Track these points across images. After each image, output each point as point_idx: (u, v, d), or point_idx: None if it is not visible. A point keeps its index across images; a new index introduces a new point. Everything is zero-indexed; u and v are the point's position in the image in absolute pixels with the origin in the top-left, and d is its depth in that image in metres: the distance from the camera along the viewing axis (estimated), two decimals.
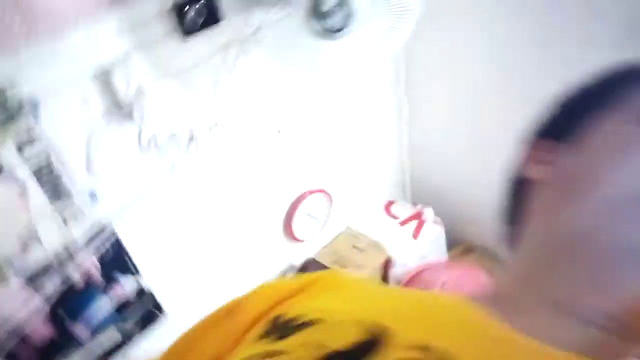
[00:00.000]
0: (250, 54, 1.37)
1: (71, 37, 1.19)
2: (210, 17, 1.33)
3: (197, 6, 1.31)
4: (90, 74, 1.24)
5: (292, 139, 1.85)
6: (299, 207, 2.01)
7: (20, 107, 1.16)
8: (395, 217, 2.38)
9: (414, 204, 2.45)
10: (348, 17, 1.19)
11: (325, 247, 2.26)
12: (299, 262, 2.16)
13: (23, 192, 1.22)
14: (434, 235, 2.31)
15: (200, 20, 1.34)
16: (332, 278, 0.48)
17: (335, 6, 1.20)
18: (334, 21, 1.18)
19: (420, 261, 2.23)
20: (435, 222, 2.34)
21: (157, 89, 1.39)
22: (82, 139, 1.30)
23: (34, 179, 1.23)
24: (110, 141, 1.35)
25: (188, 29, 1.35)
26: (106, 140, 1.34)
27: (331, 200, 2.13)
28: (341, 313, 0.40)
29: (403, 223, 2.34)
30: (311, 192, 2.03)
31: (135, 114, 1.32)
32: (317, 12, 1.20)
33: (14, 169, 1.19)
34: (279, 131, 1.81)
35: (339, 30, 1.19)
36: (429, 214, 2.34)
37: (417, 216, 2.35)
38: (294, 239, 2.06)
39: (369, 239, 2.28)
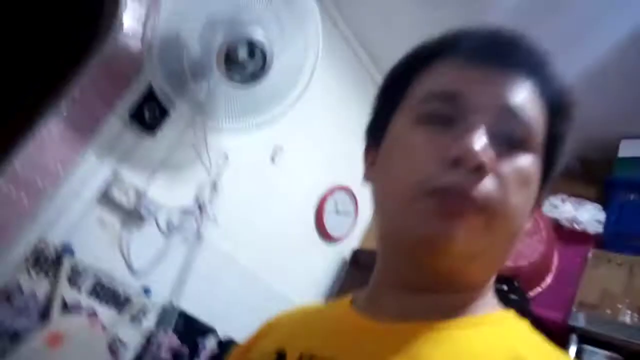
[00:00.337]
0: (208, 120, 1.55)
1: (68, 180, 1.43)
2: (162, 110, 1.53)
3: (148, 106, 1.51)
4: (94, 200, 1.48)
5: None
6: (326, 207, 2.17)
7: (58, 253, 1.41)
8: None
9: None
10: (263, 63, 1.34)
11: (365, 233, 2.41)
12: (347, 255, 2.32)
13: (92, 314, 1.48)
14: None
15: (156, 115, 1.54)
16: (265, 325, 0.65)
17: (247, 56, 1.36)
18: (249, 69, 1.34)
19: None
20: None
21: (153, 183, 1.61)
22: (116, 252, 1.54)
23: (96, 301, 1.48)
24: (138, 242, 1.59)
25: (151, 126, 1.56)
26: (135, 244, 1.58)
27: (353, 194, 2.27)
28: (267, 347, 0.57)
29: None
30: (332, 191, 2.19)
31: (143, 212, 1.54)
32: (233, 65, 1.36)
33: (76, 301, 1.45)
34: (273, 159, 1.98)
35: (256, 75, 1.35)
36: None
37: None
38: (331, 239, 2.23)
39: None
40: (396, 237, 0.50)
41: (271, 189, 2.00)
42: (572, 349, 1.81)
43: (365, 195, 2.27)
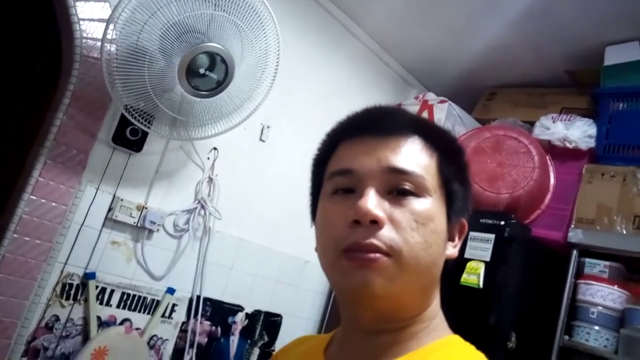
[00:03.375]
0: (187, 129, 1.59)
1: (73, 213, 1.53)
2: (141, 130, 1.57)
3: (128, 129, 1.56)
4: (102, 226, 1.58)
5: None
6: None
7: (83, 280, 1.55)
8: None
9: None
10: (225, 72, 1.36)
11: None
12: None
13: (127, 323, 1.65)
14: None
15: (139, 134, 1.59)
16: (273, 357, 0.75)
17: (207, 68, 1.37)
18: (212, 79, 1.36)
19: None
20: None
21: (152, 194, 1.70)
22: (135, 265, 1.67)
23: (127, 311, 1.64)
24: (152, 251, 1.71)
25: (136, 143, 1.62)
26: (150, 253, 1.70)
27: None
28: None
29: None
30: None
31: (149, 225, 1.65)
32: (196, 78, 1.38)
33: (109, 316, 1.61)
34: (262, 138, 2.03)
35: (219, 85, 1.37)
36: None
37: None
38: None
39: None
40: (337, 291, 0.60)
41: (265, 165, 2.07)
42: (573, 263, 1.92)
43: None
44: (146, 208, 1.66)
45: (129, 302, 1.66)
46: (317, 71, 2.22)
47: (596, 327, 1.78)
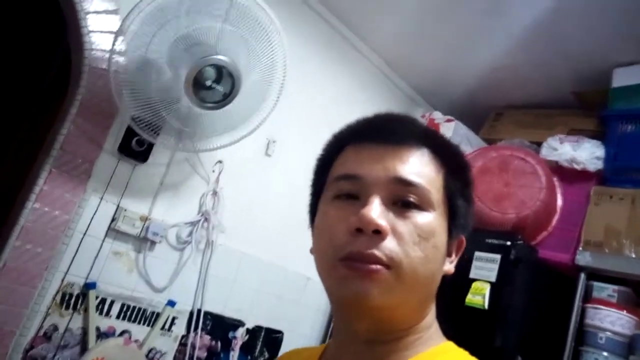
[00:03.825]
0: (193, 141, 1.60)
1: (77, 223, 1.53)
2: (147, 141, 1.58)
3: (134, 139, 1.57)
4: (105, 236, 1.58)
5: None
6: None
7: (83, 290, 1.54)
8: None
9: None
10: (232, 84, 1.37)
11: None
12: None
13: (126, 334, 1.63)
14: None
15: (145, 145, 1.60)
16: None
17: (215, 80, 1.38)
18: (219, 92, 1.37)
19: None
20: None
21: (156, 206, 1.69)
22: (136, 276, 1.66)
23: (127, 322, 1.63)
24: (154, 262, 1.70)
25: (141, 154, 1.63)
26: (152, 264, 1.69)
27: None
28: None
29: None
30: None
31: (151, 236, 1.64)
32: (203, 90, 1.39)
33: (109, 327, 1.59)
34: (267, 153, 2.04)
35: (225, 98, 1.38)
36: None
37: None
38: None
39: None
40: (333, 299, 0.58)
41: (270, 180, 2.07)
42: (581, 286, 1.88)
43: None
44: (149, 219, 1.66)
45: (129, 313, 1.64)
46: (324, 88, 2.24)
47: (605, 354, 1.73)
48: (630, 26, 1.83)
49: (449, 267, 0.60)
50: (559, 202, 2.12)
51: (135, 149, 1.61)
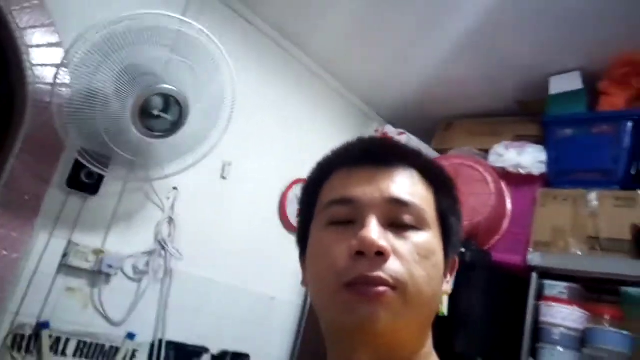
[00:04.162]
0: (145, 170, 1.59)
1: (26, 261, 1.48)
2: (97, 173, 1.56)
3: (83, 172, 1.55)
4: (56, 273, 1.54)
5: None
6: (287, 203, 2.25)
7: (35, 330, 1.49)
8: None
9: None
10: (180, 113, 1.37)
11: None
12: None
13: None
14: None
15: (95, 177, 1.58)
16: None
17: (162, 109, 1.39)
18: (167, 120, 1.37)
19: None
20: None
21: (109, 238, 1.67)
22: (92, 311, 1.62)
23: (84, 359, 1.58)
24: (111, 296, 1.67)
25: (91, 186, 1.60)
26: (108, 298, 1.66)
27: None
28: None
29: None
30: (291, 186, 2.26)
31: (106, 269, 1.61)
32: (151, 119, 1.39)
33: None
34: (223, 176, 2.04)
35: (173, 126, 1.38)
36: None
37: None
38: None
39: None
40: (333, 328, 0.56)
41: (228, 203, 2.07)
42: (533, 286, 1.96)
43: None
44: (103, 252, 1.63)
45: (85, 350, 1.60)
46: (279, 109, 2.27)
47: (560, 348, 1.81)
48: (563, 37, 1.95)
49: (447, 287, 0.60)
50: (508, 206, 2.21)
51: (85, 181, 1.58)
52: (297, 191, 2.31)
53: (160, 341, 1.78)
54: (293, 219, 2.28)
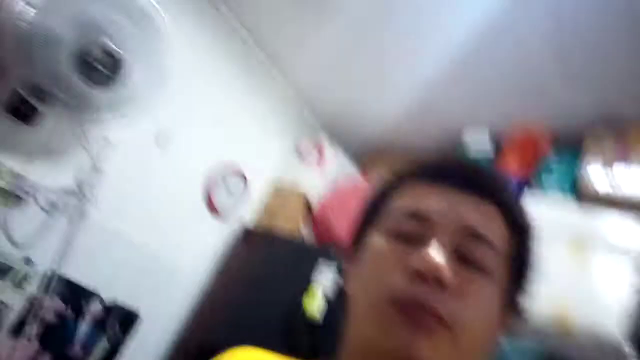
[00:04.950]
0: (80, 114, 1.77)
1: None
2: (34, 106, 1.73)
3: (22, 101, 1.72)
4: None
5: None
6: (215, 184, 2.42)
7: None
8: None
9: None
10: (116, 65, 1.58)
11: (254, 210, 2.67)
12: (237, 231, 2.58)
13: None
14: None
15: (32, 110, 1.75)
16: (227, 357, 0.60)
17: (100, 58, 1.59)
18: (103, 74, 1.58)
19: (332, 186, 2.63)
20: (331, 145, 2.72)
21: (31, 166, 1.82)
22: None
23: None
24: (19, 219, 1.80)
25: (27, 118, 1.77)
26: (16, 220, 1.79)
27: (242, 172, 2.53)
28: None
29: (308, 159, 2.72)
30: (221, 169, 2.44)
31: (19, 192, 1.76)
32: (90, 70, 1.59)
33: None
34: (158, 142, 2.22)
35: (108, 81, 1.59)
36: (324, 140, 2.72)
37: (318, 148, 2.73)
38: (220, 214, 2.48)
39: (289, 189, 2.67)
40: (365, 343, 0.51)
41: (158, 169, 2.23)
42: None
43: (253, 173, 2.54)
44: (22, 177, 1.78)
45: None
46: (223, 93, 2.44)
47: None
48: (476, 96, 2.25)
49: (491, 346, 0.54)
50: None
51: (22, 111, 1.75)
52: (226, 175, 2.48)
53: (55, 273, 1.90)
54: (216, 201, 2.46)
